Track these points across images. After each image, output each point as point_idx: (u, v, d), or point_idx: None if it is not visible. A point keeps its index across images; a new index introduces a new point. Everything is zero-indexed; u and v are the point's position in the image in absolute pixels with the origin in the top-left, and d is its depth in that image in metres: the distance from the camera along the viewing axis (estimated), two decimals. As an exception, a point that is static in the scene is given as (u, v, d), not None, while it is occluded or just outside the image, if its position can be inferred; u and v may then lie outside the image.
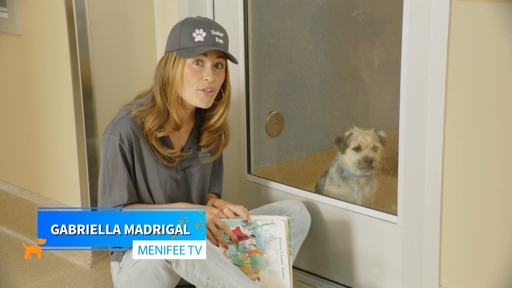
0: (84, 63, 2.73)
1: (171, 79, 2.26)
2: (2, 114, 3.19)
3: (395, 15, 2.41)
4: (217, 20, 2.78)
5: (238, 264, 2.23)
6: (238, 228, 2.23)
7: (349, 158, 2.69)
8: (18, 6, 2.92)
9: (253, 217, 2.25)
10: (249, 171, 2.94)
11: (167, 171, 2.34)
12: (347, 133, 2.70)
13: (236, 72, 2.83)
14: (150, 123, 2.26)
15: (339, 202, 2.62)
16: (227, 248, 2.25)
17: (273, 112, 3.14)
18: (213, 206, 2.41)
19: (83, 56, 2.72)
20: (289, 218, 2.30)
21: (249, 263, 2.25)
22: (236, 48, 2.81)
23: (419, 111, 2.25)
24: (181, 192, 2.40)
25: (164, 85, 2.27)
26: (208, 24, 2.25)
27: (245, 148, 2.93)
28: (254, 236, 2.22)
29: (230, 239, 2.26)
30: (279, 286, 2.24)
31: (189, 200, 2.43)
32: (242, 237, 2.23)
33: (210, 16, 2.78)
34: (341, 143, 2.70)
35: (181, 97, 2.29)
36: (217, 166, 2.53)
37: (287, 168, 3.21)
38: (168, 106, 2.28)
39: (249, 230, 2.22)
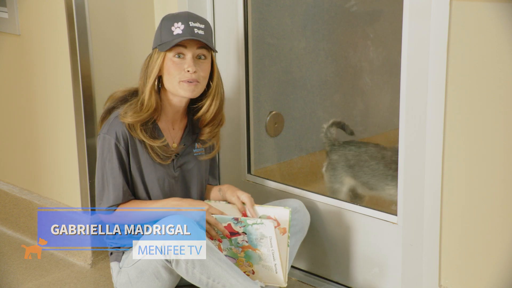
0: (84, 63, 2.72)
1: (153, 73, 2.29)
2: (2, 114, 3.19)
3: (395, 15, 2.41)
4: (217, 20, 2.78)
5: (233, 256, 2.24)
6: (229, 224, 2.22)
7: None
8: (18, 6, 2.92)
9: (243, 217, 2.26)
10: (249, 171, 2.94)
11: (164, 169, 2.35)
12: None
13: (236, 72, 2.83)
14: (130, 117, 2.27)
15: (339, 202, 2.62)
16: (220, 241, 2.25)
17: (273, 112, 3.14)
18: (221, 190, 2.44)
19: (83, 56, 2.72)
20: (291, 209, 2.31)
21: (243, 257, 2.25)
22: (236, 48, 2.81)
23: (419, 111, 2.24)
24: (179, 189, 2.40)
25: (146, 79, 2.30)
26: (187, 17, 2.27)
27: (245, 148, 2.93)
28: (246, 234, 2.22)
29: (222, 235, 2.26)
30: (274, 279, 2.25)
31: (188, 196, 2.43)
32: (234, 233, 2.23)
33: (210, 16, 2.78)
34: None
35: (169, 91, 2.31)
36: (211, 162, 2.54)
37: (287, 168, 3.21)
38: (143, 89, 2.30)
39: (240, 227, 2.22)
